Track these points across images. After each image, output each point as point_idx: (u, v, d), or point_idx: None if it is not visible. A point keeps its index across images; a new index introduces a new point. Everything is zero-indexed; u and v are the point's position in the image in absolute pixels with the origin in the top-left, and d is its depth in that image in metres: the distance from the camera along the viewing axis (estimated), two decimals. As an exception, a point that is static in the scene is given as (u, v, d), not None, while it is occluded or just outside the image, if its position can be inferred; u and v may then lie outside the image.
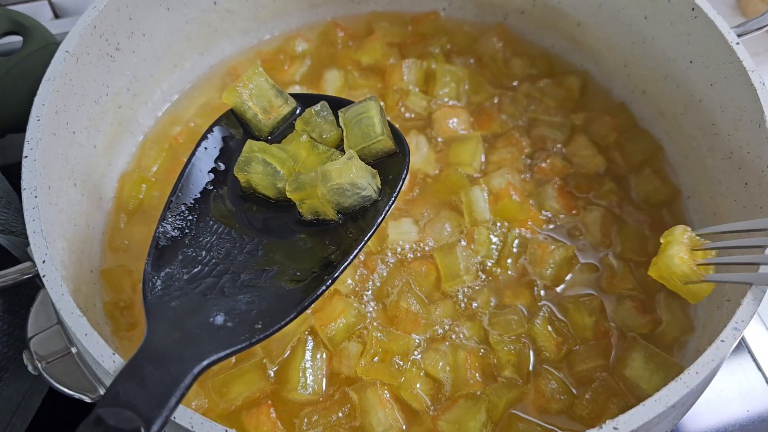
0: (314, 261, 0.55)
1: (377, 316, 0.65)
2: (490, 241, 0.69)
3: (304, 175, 0.56)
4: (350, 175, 0.54)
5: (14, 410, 0.66)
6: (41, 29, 0.81)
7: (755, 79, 0.63)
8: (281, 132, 0.63)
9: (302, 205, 0.57)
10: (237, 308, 0.52)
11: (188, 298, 0.52)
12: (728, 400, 0.73)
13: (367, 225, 0.56)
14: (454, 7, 0.91)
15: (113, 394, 0.43)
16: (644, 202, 0.75)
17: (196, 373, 0.45)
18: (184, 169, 0.59)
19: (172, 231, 0.56)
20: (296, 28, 0.90)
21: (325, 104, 0.62)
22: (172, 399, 0.43)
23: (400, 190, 0.57)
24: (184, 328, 0.49)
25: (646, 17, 0.76)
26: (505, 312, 0.66)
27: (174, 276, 0.54)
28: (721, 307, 0.62)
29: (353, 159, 0.55)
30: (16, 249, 0.63)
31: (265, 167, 0.57)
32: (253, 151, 0.58)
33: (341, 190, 0.55)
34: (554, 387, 0.62)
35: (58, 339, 0.56)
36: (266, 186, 0.58)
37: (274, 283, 0.54)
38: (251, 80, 0.62)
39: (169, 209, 0.57)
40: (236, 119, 0.63)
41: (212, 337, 0.49)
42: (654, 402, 0.46)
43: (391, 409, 0.60)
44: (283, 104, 0.63)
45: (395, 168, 0.58)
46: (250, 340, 0.49)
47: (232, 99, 0.62)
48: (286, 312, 0.51)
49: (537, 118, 0.80)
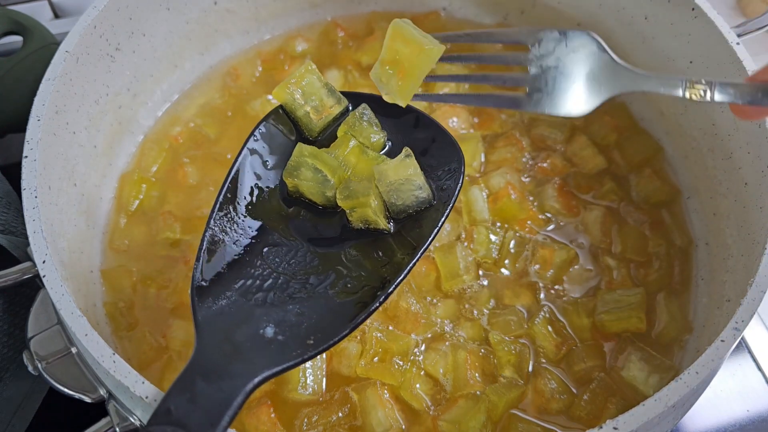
0: (366, 273, 0.53)
1: (377, 316, 0.65)
2: (489, 241, 0.69)
3: (355, 183, 0.54)
4: (408, 172, 0.52)
5: (14, 410, 0.66)
6: (41, 29, 0.81)
7: (755, 79, 0.63)
8: (332, 132, 0.61)
9: (353, 213, 0.55)
10: (287, 320, 0.50)
11: (237, 306, 0.50)
12: (728, 400, 0.73)
13: (418, 235, 0.53)
14: (454, 7, 0.91)
15: (165, 411, 0.41)
16: (644, 202, 0.75)
17: (248, 390, 0.44)
18: (232, 167, 0.57)
19: (220, 234, 0.54)
20: (296, 28, 0.90)
21: (366, 107, 0.59)
22: (225, 418, 0.42)
23: (455, 200, 0.54)
24: (234, 340, 0.47)
25: (646, 17, 0.76)
26: (505, 312, 0.66)
27: (222, 282, 0.51)
28: (721, 307, 0.63)
29: (410, 157, 0.53)
30: (16, 249, 0.63)
31: (315, 174, 0.55)
32: (304, 155, 0.55)
33: (398, 189, 0.53)
34: (554, 387, 0.62)
35: (58, 339, 0.56)
36: (315, 193, 0.56)
37: (325, 294, 0.52)
38: (303, 77, 0.59)
39: (216, 210, 0.55)
40: (286, 116, 0.60)
41: (263, 352, 0.47)
42: (654, 402, 0.46)
43: (391, 409, 0.60)
44: (335, 104, 0.60)
45: (449, 177, 0.56)
46: (302, 356, 0.47)
47: (283, 96, 0.59)
48: (338, 328, 0.49)
49: (537, 118, 0.80)
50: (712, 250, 0.70)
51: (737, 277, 0.62)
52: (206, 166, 0.77)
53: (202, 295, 0.50)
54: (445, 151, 0.58)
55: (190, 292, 0.50)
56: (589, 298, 0.67)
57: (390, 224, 0.55)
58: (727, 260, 0.66)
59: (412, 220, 0.55)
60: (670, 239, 0.73)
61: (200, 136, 0.80)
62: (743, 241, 0.63)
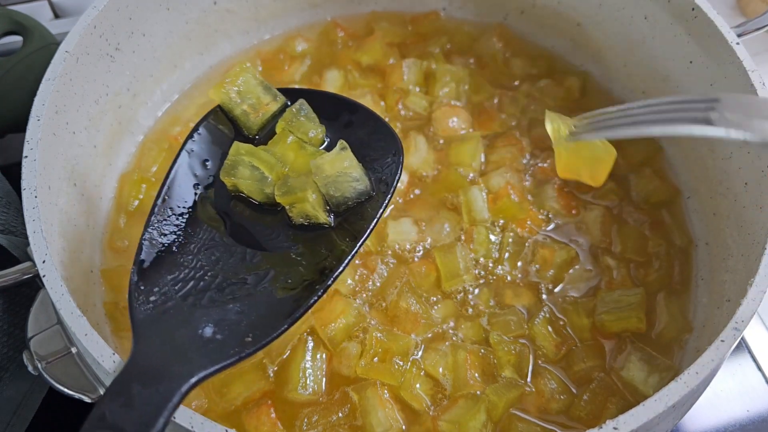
0: (306, 267, 0.53)
1: (377, 316, 0.65)
2: (489, 241, 0.69)
3: (293, 179, 0.54)
4: (344, 164, 0.53)
5: (14, 410, 0.66)
6: (41, 29, 0.81)
7: (755, 79, 0.63)
8: (271, 129, 0.61)
9: (292, 209, 0.55)
10: (227, 319, 0.50)
11: (176, 308, 0.50)
12: (728, 400, 0.73)
13: (360, 228, 0.54)
14: (454, 7, 0.91)
15: (99, 416, 0.41)
16: (644, 202, 0.75)
17: (184, 391, 0.44)
18: (170, 169, 0.57)
19: (159, 237, 0.54)
20: (296, 28, 0.90)
21: (304, 102, 0.60)
22: (160, 420, 0.42)
23: (394, 190, 0.55)
24: (172, 341, 0.48)
25: (646, 17, 0.76)
26: (505, 312, 0.66)
27: (161, 285, 0.52)
28: (721, 307, 0.63)
29: (346, 150, 0.53)
30: (16, 249, 0.63)
31: (252, 172, 0.56)
32: (240, 154, 0.56)
33: (335, 182, 0.53)
34: (554, 387, 0.62)
35: (58, 339, 0.56)
36: (254, 191, 0.57)
37: (265, 290, 0.52)
38: (239, 76, 0.60)
39: (155, 213, 0.55)
40: (224, 116, 0.61)
41: (201, 352, 0.47)
42: (654, 402, 0.46)
43: (391, 409, 0.60)
44: (272, 101, 0.61)
45: (389, 168, 0.57)
46: (239, 354, 0.47)
47: (219, 95, 0.60)
48: (276, 324, 0.49)
49: (537, 118, 0.80)
50: (712, 250, 0.70)
51: (737, 277, 0.62)
52: (206, 166, 0.77)
53: (140, 299, 0.50)
54: (384, 143, 0.58)
55: (128, 296, 0.50)
56: (589, 298, 0.67)
57: (330, 218, 0.55)
58: (727, 260, 0.66)
59: (353, 213, 0.55)
60: (670, 239, 0.73)
61: (200, 136, 0.80)
62: (743, 241, 0.63)
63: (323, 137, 0.60)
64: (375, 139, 0.59)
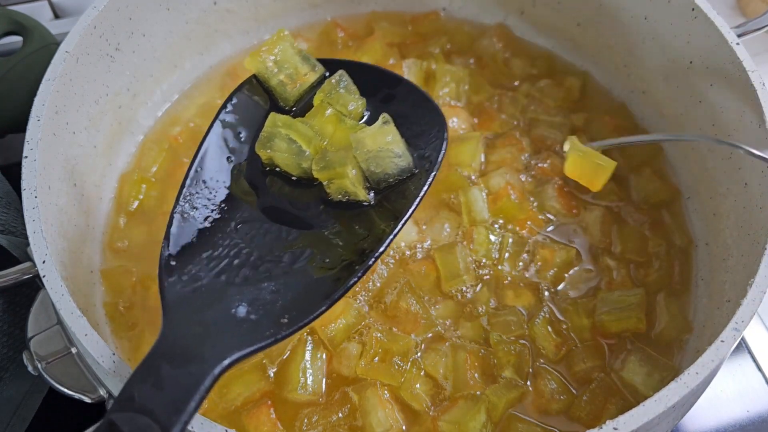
0: (344, 247, 0.50)
1: (377, 317, 0.65)
2: (489, 241, 0.69)
3: (332, 153, 0.51)
4: (386, 139, 0.50)
5: (14, 410, 0.66)
6: (41, 29, 0.81)
7: (755, 79, 0.63)
8: (308, 101, 0.58)
9: (330, 185, 0.52)
10: (260, 298, 0.47)
11: (208, 286, 0.47)
12: (728, 400, 0.73)
13: (401, 207, 0.50)
14: (454, 7, 0.91)
15: (128, 397, 0.40)
16: (644, 202, 0.75)
17: (216, 374, 0.41)
18: (203, 140, 0.54)
19: (191, 210, 0.51)
20: (296, 28, 0.90)
21: (344, 73, 0.56)
22: (191, 403, 0.39)
23: (438, 168, 0.52)
24: (203, 321, 0.45)
25: (646, 17, 0.76)
26: (505, 313, 0.66)
27: (193, 260, 0.49)
28: (721, 307, 0.62)
29: (389, 124, 0.50)
30: (16, 249, 0.63)
31: (289, 145, 0.52)
32: (277, 126, 0.52)
33: (376, 157, 0.50)
34: (554, 387, 0.62)
35: (58, 339, 0.56)
36: (290, 165, 0.53)
37: (301, 269, 0.49)
38: (276, 44, 0.57)
39: (187, 186, 0.52)
40: (260, 86, 0.58)
41: (234, 332, 0.44)
42: (654, 402, 0.46)
43: (391, 410, 0.60)
44: (310, 71, 0.58)
45: (432, 144, 0.53)
46: (275, 336, 0.44)
47: (255, 64, 0.57)
48: (314, 304, 0.46)
49: (537, 118, 0.80)
50: (712, 251, 0.70)
51: (737, 277, 0.62)
52: (206, 166, 0.77)
53: (172, 275, 0.48)
54: (427, 118, 0.56)
55: (158, 272, 0.48)
56: (589, 299, 0.67)
57: (370, 195, 0.52)
58: (727, 260, 0.66)
59: (394, 191, 0.52)
60: (670, 239, 0.73)
61: (200, 136, 0.79)
62: (743, 242, 0.63)
63: (363, 111, 0.57)
64: (417, 114, 0.56)
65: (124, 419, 0.38)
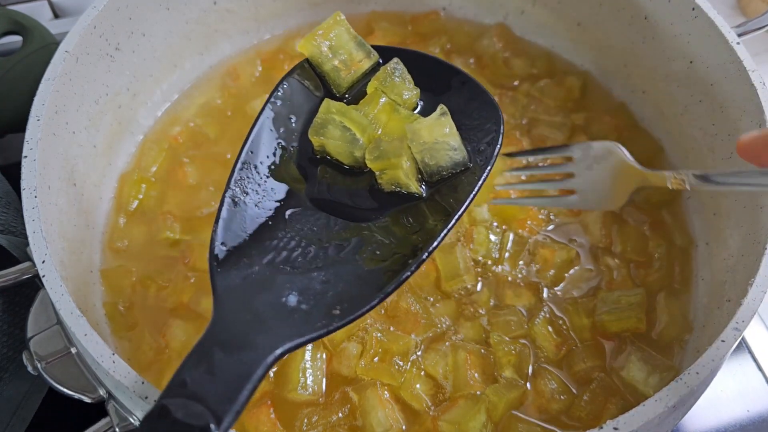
0: (395, 239, 0.49)
1: (377, 316, 0.65)
2: (489, 241, 0.69)
3: (386, 143, 0.50)
4: (444, 131, 0.49)
5: (14, 410, 0.66)
6: (41, 29, 0.81)
7: (755, 79, 0.63)
8: (360, 89, 0.57)
9: (383, 175, 0.51)
10: (311, 288, 0.46)
11: (259, 273, 0.46)
12: (728, 400, 0.73)
13: (455, 201, 0.49)
14: (454, 6, 0.91)
15: (180, 383, 0.39)
16: (645, 201, 0.75)
17: (269, 362, 0.40)
18: (255, 124, 0.53)
19: (241, 195, 0.50)
20: (296, 28, 0.90)
21: (399, 61, 0.55)
22: (244, 392, 0.38)
23: (494, 163, 0.51)
24: (254, 308, 0.44)
25: (646, 17, 0.76)
26: (505, 312, 0.66)
27: (242, 246, 0.48)
28: (722, 307, 0.62)
29: (446, 115, 0.50)
30: (15, 249, 0.63)
31: (343, 133, 0.51)
32: (331, 112, 0.51)
33: (431, 149, 0.49)
34: (554, 387, 0.62)
35: (57, 339, 0.56)
36: (342, 153, 0.52)
37: (352, 261, 0.48)
38: (332, 29, 0.56)
39: (237, 170, 0.51)
40: (312, 71, 0.57)
41: (286, 322, 0.43)
42: (654, 402, 0.46)
43: (391, 410, 0.60)
44: (365, 58, 0.56)
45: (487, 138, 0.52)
46: (327, 327, 0.43)
47: (309, 48, 0.55)
48: (366, 297, 0.45)
49: (537, 118, 0.80)
50: (713, 250, 0.70)
51: (738, 277, 0.61)
52: (206, 166, 0.77)
53: (221, 260, 0.47)
54: (483, 111, 0.54)
55: (208, 257, 0.47)
56: (589, 298, 0.67)
57: (422, 188, 0.51)
58: (728, 260, 0.65)
59: (446, 185, 0.51)
60: (671, 239, 0.73)
61: (200, 136, 0.80)
62: (744, 241, 0.63)
63: (417, 100, 0.56)
64: (472, 107, 0.55)
65: (176, 405, 0.37)
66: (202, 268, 0.69)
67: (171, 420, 0.37)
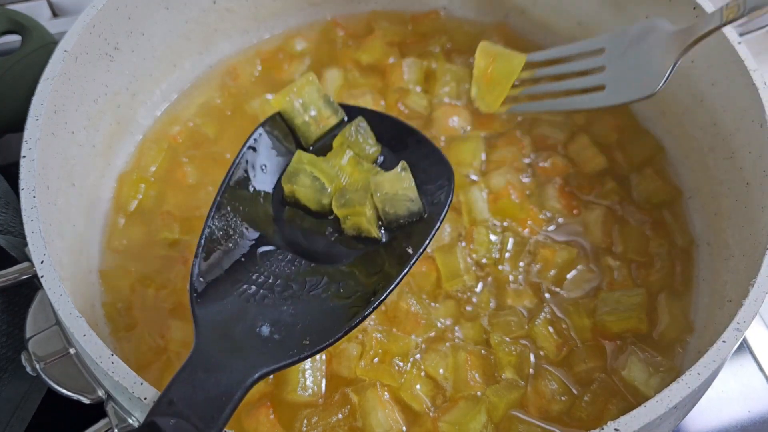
0: (356, 279, 0.54)
1: (377, 317, 0.65)
2: (489, 241, 0.69)
3: (351, 193, 0.56)
4: (404, 185, 0.55)
5: (13, 411, 0.65)
6: (40, 29, 0.81)
7: (757, 78, 0.62)
8: (324, 142, 0.63)
9: (347, 221, 0.56)
10: (282, 320, 0.51)
11: (233, 303, 0.51)
12: (730, 400, 0.73)
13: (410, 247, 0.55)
14: (455, 6, 0.91)
15: (168, 401, 0.42)
16: (646, 201, 0.75)
17: (248, 385, 0.44)
18: (230, 170, 0.58)
19: (218, 233, 0.55)
20: (296, 27, 0.90)
21: (362, 119, 0.62)
22: (226, 411, 0.42)
23: (444, 216, 0.56)
24: (232, 337, 0.48)
25: (647, 17, 0.75)
26: (506, 313, 0.66)
27: (219, 280, 0.53)
28: (723, 307, 0.62)
29: (406, 171, 0.55)
30: (14, 249, 0.63)
31: (313, 182, 0.57)
32: (302, 163, 0.58)
33: (392, 200, 0.55)
34: (554, 388, 0.61)
35: (56, 340, 0.56)
36: (311, 200, 0.58)
37: (317, 296, 0.53)
38: (304, 87, 0.62)
39: (214, 209, 0.56)
40: (283, 123, 0.63)
41: (261, 349, 0.48)
42: (656, 403, 0.46)
43: (391, 410, 0.59)
44: (332, 115, 0.64)
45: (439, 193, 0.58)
46: (299, 355, 0.48)
47: (282, 103, 0.62)
48: (332, 330, 0.50)
49: (538, 118, 0.80)
50: (714, 251, 0.70)
51: (739, 277, 0.61)
52: (205, 165, 0.77)
53: (199, 291, 0.51)
54: (436, 168, 0.60)
55: (188, 288, 0.51)
56: (590, 299, 0.67)
57: (381, 233, 0.56)
58: (729, 260, 0.65)
59: (403, 232, 0.57)
60: (672, 239, 0.73)
61: (199, 136, 0.79)
62: (745, 242, 0.63)
63: (378, 155, 0.62)
64: (427, 164, 0.60)
65: (165, 422, 0.41)
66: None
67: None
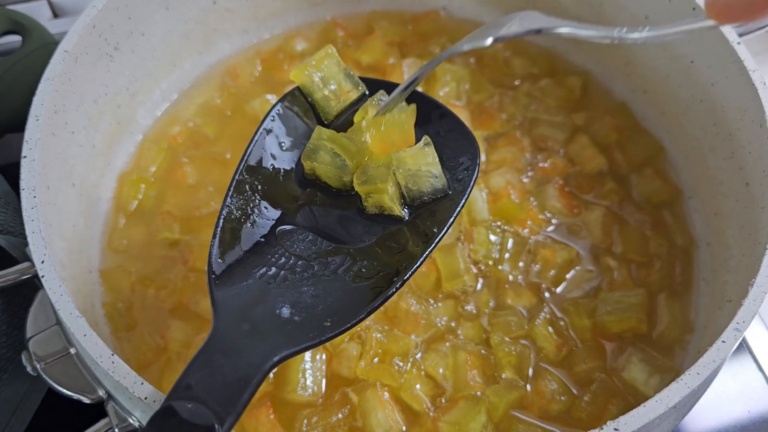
0: (379, 259, 0.52)
1: (377, 317, 0.65)
2: (489, 241, 0.69)
3: (373, 169, 0.53)
4: (427, 160, 0.52)
5: (13, 411, 0.65)
6: (40, 29, 0.81)
7: (756, 78, 0.62)
8: (346, 117, 0.60)
9: (368, 199, 0.54)
10: (302, 301, 0.49)
11: (252, 285, 0.50)
12: (729, 400, 0.73)
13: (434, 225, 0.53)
14: (455, 6, 0.91)
15: (185, 386, 0.41)
16: (645, 202, 0.75)
17: (267, 369, 0.43)
18: (249, 146, 0.57)
19: (236, 212, 0.53)
20: (296, 27, 0.90)
21: (384, 93, 0.59)
22: (245, 396, 0.41)
23: (470, 193, 0.54)
24: (251, 319, 0.47)
25: (646, 16, 0.75)
26: (506, 313, 0.66)
27: (237, 261, 0.51)
28: (722, 307, 0.62)
29: (430, 146, 0.53)
30: (14, 249, 0.63)
31: (333, 158, 0.55)
32: (323, 139, 0.55)
33: (414, 176, 0.53)
34: (554, 388, 0.61)
35: (56, 339, 0.56)
36: (331, 177, 0.56)
37: (340, 277, 0.51)
38: (323, 60, 0.59)
39: (232, 189, 0.54)
40: (303, 98, 0.60)
41: (280, 332, 0.46)
42: (655, 403, 0.46)
43: (391, 410, 0.59)
44: (353, 89, 0.60)
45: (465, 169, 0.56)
46: (320, 337, 0.46)
47: (301, 78, 0.59)
48: (354, 311, 0.48)
49: (538, 118, 0.80)
50: (714, 251, 0.70)
51: (739, 277, 0.61)
52: (205, 165, 0.77)
53: (218, 273, 0.50)
54: (461, 143, 0.57)
55: (206, 269, 0.50)
56: (590, 299, 0.67)
57: (404, 211, 0.54)
58: (729, 261, 0.65)
59: (426, 210, 0.54)
60: (672, 239, 0.73)
61: (199, 136, 0.79)
62: (745, 242, 0.63)
63: None
64: (452, 139, 0.58)
65: (182, 406, 0.40)
66: (201, 268, 0.68)
67: (177, 420, 0.39)
